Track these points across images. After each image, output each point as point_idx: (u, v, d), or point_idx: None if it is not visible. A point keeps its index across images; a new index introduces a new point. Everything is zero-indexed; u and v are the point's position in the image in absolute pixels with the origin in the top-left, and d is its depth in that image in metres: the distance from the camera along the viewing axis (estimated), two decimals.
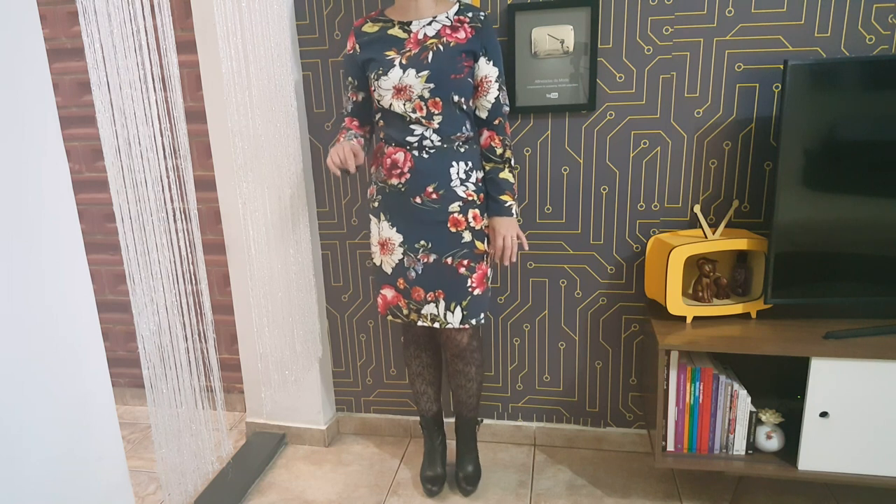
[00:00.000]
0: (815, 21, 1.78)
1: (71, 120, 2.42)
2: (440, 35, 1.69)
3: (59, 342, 1.15)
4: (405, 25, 1.71)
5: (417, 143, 1.72)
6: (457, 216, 1.76)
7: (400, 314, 1.86)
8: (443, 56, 1.67)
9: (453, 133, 1.73)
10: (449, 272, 1.78)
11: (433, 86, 1.66)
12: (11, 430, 1.06)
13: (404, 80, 1.66)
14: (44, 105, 1.10)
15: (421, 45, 1.68)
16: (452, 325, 1.80)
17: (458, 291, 1.79)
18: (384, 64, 1.68)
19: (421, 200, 1.75)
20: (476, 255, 1.80)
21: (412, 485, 2.09)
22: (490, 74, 1.73)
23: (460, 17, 1.71)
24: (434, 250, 1.77)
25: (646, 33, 1.87)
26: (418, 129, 1.71)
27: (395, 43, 1.70)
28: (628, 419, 2.22)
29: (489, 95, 1.74)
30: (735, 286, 1.92)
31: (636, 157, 1.97)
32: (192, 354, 1.48)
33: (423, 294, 1.79)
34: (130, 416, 2.61)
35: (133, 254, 1.29)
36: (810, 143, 1.68)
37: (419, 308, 1.81)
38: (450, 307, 1.79)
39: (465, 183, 1.76)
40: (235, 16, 1.67)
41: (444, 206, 1.75)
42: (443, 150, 1.73)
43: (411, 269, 1.79)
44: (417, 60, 1.67)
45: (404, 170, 1.74)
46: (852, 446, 1.68)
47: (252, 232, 1.82)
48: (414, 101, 1.68)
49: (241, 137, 1.74)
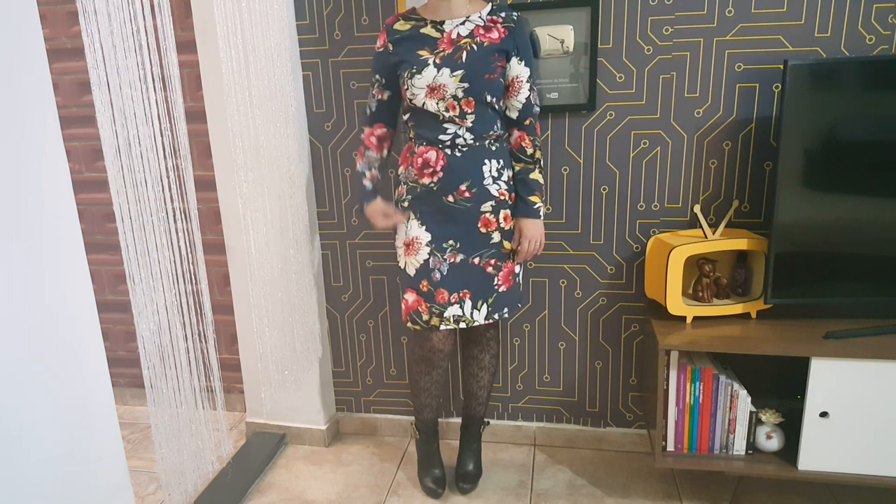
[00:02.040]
0: (815, 21, 1.78)
1: (71, 120, 2.42)
2: (473, 35, 1.68)
3: (59, 342, 1.15)
4: (438, 25, 1.71)
5: (450, 142, 1.72)
6: (488, 216, 1.76)
7: (419, 320, 1.80)
8: (476, 56, 1.67)
9: (485, 132, 1.73)
10: (476, 271, 1.78)
11: (467, 85, 1.66)
12: (11, 430, 1.06)
13: (438, 80, 1.66)
14: (44, 105, 1.10)
15: (455, 45, 1.68)
16: (478, 322, 1.80)
17: (484, 289, 1.79)
18: (418, 63, 1.68)
19: (454, 199, 1.75)
20: (503, 255, 1.80)
21: (412, 485, 2.09)
22: (521, 74, 1.72)
23: (493, 17, 1.71)
24: (462, 250, 1.77)
25: (646, 33, 1.87)
26: (451, 127, 1.71)
27: (427, 42, 1.70)
28: (628, 419, 2.22)
29: (520, 95, 1.74)
30: (735, 286, 1.92)
31: (636, 157, 1.97)
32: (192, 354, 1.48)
33: (446, 296, 1.77)
34: (130, 416, 2.61)
35: (133, 254, 1.29)
36: (810, 143, 1.68)
37: (441, 311, 1.77)
38: (476, 305, 1.79)
39: (497, 181, 1.76)
40: (235, 16, 1.67)
41: (476, 205, 1.75)
42: (475, 149, 1.73)
43: (436, 270, 1.77)
44: (451, 60, 1.67)
45: (437, 168, 1.73)
46: (852, 446, 1.68)
47: (252, 232, 1.82)
48: (447, 101, 1.68)
49: (241, 137, 1.74)
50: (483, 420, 2.10)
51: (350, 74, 2.07)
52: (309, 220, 2.12)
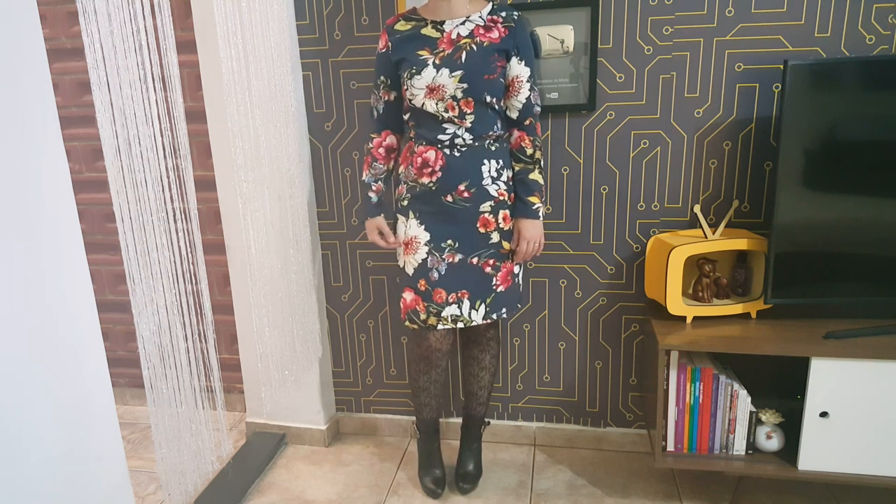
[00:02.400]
0: (815, 21, 1.78)
1: (71, 120, 2.42)
2: (473, 35, 1.68)
3: (59, 342, 1.15)
4: (438, 25, 1.70)
5: (449, 142, 1.72)
6: (487, 216, 1.76)
7: (417, 319, 1.81)
8: (476, 56, 1.66)
9: (485, 132, 1.73)
10: (474, 271, 1.78)
11: (466, 86, 1.66)
12: (11, 430, 1.06)
13: (437, 80, 1.66)
14: (44, 105, 1.10)
15: (454, 45, 1.68)
16: (476, 322, 1.80)
17: (483, 289, 1.79)
18: (417, 63, 1.68)
19: (452, 199, 1.75)
20: (502, 255, 1.80)
21: (412, 485, 2.09)
22: (522, 74, 1.72)
23: (493, 16, 1.70)
24: (460, 250, 1.77)
25: (646, 33, 1.87)
26: (450, 127, 1.71)
27: (427, 42, 1.70)
28: (628, 419, 2.22)
29: (520, 95, 1.73)
30: (735, 286, 1.92)
31: (636, 157, 1.97)
32: (192, 354, 1.48)
33: (444, 296, 1.78)
34: (130, 416, 2.61)
35: (133, 254, 1.29)
36: (810, 143, 1.68)
37: (439, 311, 1.78)
38: (474, 305, 1.79)
39: (496, 181, 1.76)
40: (235, 16, 1.67)
41: (475, 205, 1.75)
42: (474, 149, 1.73)
43: (434, 270, 1.77)
44: (451, 60, 1.66)
45: (435, 168, 1.73)
46: (852, 446, 1.68)
47: (252, 232, 1.82)
48: (446, 101, 1.68)
49: (241, 137, 1.74)
50: (483, 420, 2.10)
51: (350, 74, 2.07)
52: (309, 220, 2.12)
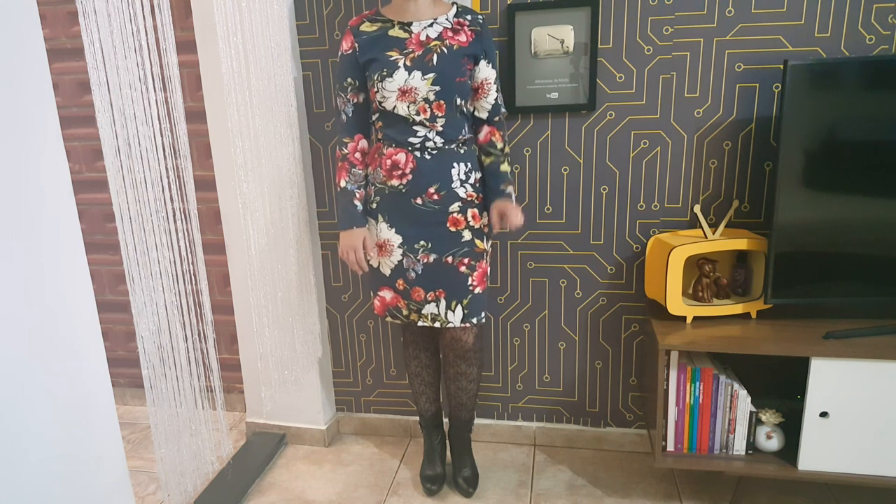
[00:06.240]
0: (815, 21, 1.78)
1: (71, 120, 2.42)
2: (442, 38, 1.68)
3: (59, 342, 1.15)
4: (405, 26, 1.70)
5: (420, 145, 1.72)
6: (456, 216, 1.77)
7: (399, 315, 1.86)
8: (448, 59, 1.67)
9: (455, 136, 1.74)
10: (450, 271, 1.78)
11: (438, 88, 1.66)
12: (11, 430, 1.06)
13: (410, 83, 1.66)
14: (44, 105, 1.10)
15: (424, 48, 1.68)
16: (454, 324, 1.80)
17: (458, 290, 1.79)
18: (388, 65, 1.67)
19: (422, 201, 1.75)
20: (476, 254, 1.80)
21: (412, 485, 2.09)
22: (490, 77, 1.75)
23: (460, 19, 1.71)
24: (434, 250, 1.77)
25: (646, 33, 1.87)
26: (421, 130, 1.71)
27: (396, 43, 1.69)
28: (628, 419, 2.22)
29: (489, 97, 1.76)
30: (735, 286, 1.92)
31: (636, 157, 1.97)
32: (192, 354, 1.48)
33: (423, 294, 1.79)
34: (130, 416, 2.61)
35: (133, 254, 1.29)
36: (810, 143, 1.68)
37: (419, 308, 1.81)
38: (451, 306, 1.79)
39: (465, 184, 1.77)
40: (235, 16, 1.67)
41: (444, 207, 1.75)
42: (444, 152, 1.74)
43: (411, 270, 1.79)
44: (422, 63, 1.66)
45: (406, 171, 1.73)
46: (852, 446, 1.68)
47: (252, 232, 1.82)
48: (419, 104, 1.68)
49: (241, 137, 1.74)
50: (472, 422, 2.10)
51: None
52: (309, 220, 2.12)
